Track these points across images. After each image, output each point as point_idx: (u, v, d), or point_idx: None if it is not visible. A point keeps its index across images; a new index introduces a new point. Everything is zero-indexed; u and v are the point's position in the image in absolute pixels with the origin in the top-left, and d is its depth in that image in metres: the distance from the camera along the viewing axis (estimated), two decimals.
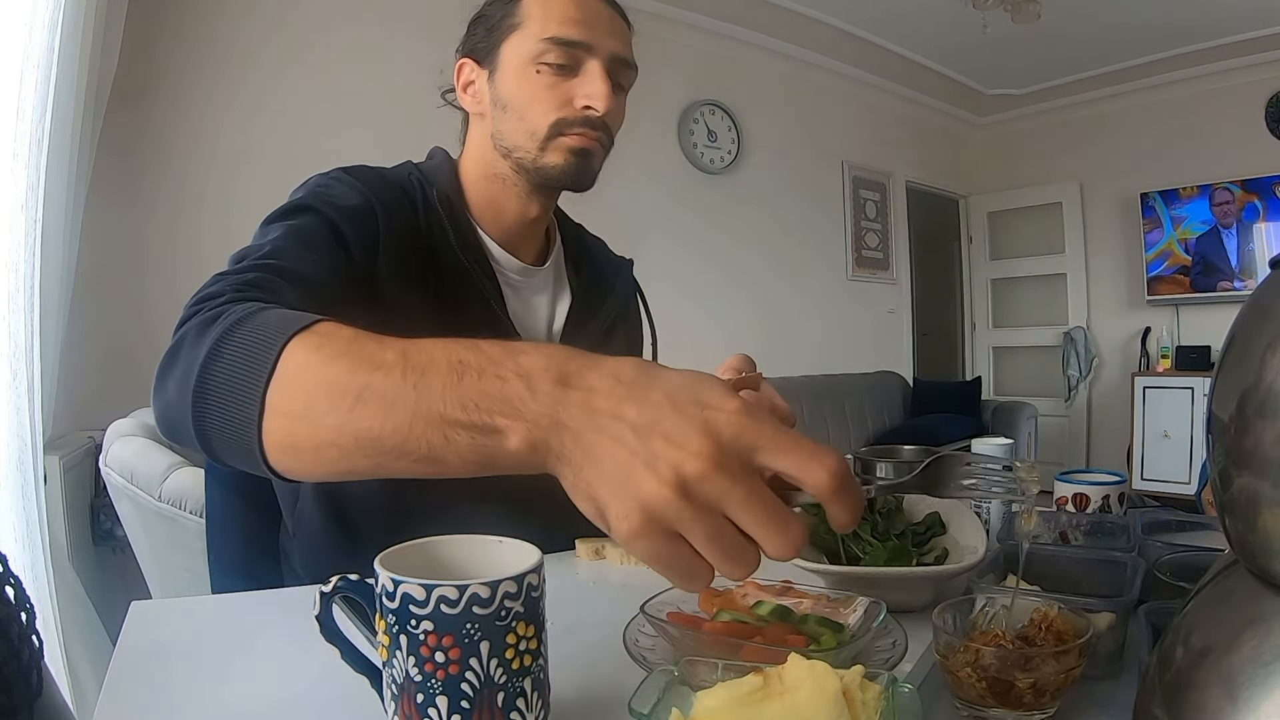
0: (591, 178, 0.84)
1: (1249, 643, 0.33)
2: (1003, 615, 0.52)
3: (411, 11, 2.86)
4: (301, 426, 0.44)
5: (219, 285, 0.58)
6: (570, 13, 0.79)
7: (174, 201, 2.37)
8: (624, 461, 0.35)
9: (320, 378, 0.43)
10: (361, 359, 0.42)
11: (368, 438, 0.41)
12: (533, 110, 0.80)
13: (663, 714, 0.40)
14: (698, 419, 0.35)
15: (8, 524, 1.39)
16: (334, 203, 0.74)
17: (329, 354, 0.44)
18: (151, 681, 0.56)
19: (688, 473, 0.34)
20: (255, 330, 0.47)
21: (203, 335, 0.50)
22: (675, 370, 0.39)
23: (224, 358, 0.47)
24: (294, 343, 0.45)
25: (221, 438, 0.47)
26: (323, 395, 0.42)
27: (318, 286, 0.65)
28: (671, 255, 3.70)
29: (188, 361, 0.49)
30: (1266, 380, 0.32)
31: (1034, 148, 5.21)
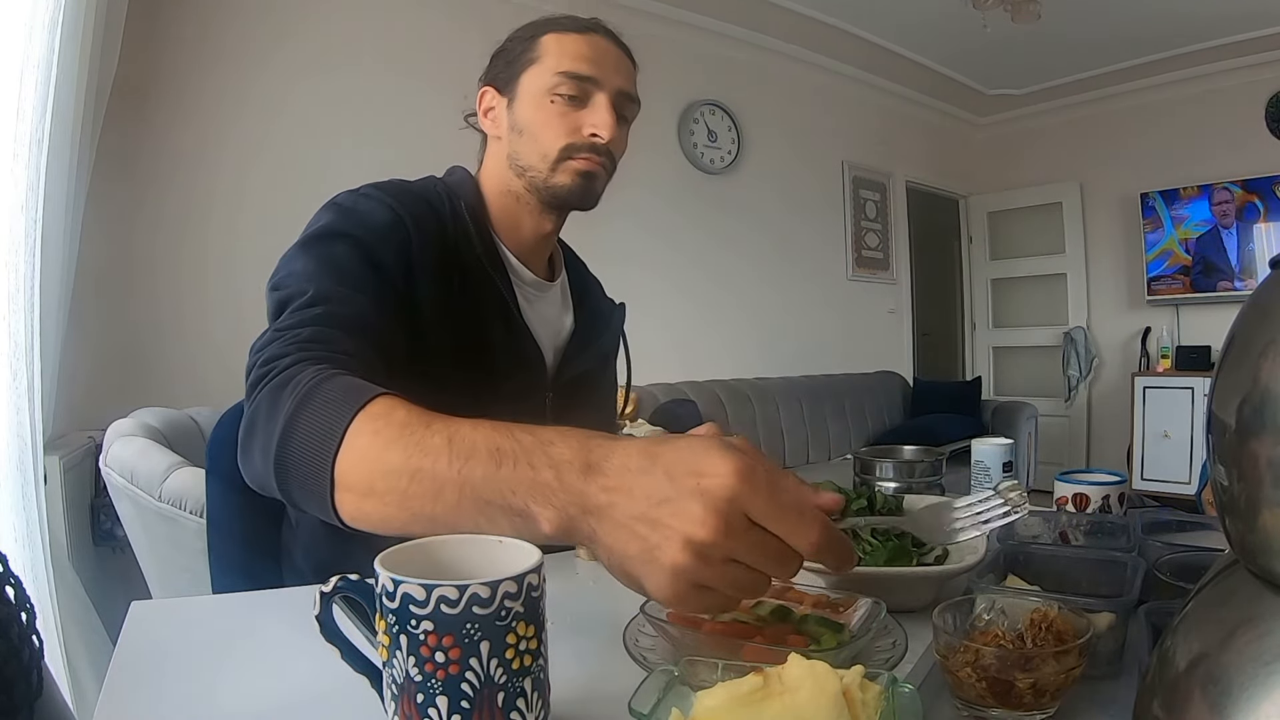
0: (595, 197, 0.93)
1: (1249, 643, 0.33)
2: (999, 619, 0.52)
3: (412, 12, 2.86)
4: (367, 502, 0.52)
5: (281, 344, 0.64)
6: (583, 51, 0.88)
7: (173, 201, 2.37)
8: (645, 544, 0.43)
9: (379, 462, 0.51)
10: (414, 444, 0.50)
11: (422, 515, 0.49)
12: (546, 135, 0.89)
13: (663, 714, 0.40)
14: (695, 490, 0.42)
15: (8, 524, 1.39)
16: (365, 222, 0.80)
17: (386, 439, 0.51)
18: (151, 681, 0.56)
19: (697, 540, 0.41)
20: (321, 409, 0.55)
21: (275, 408, 0.58)
22: (676, 444, 0.45)
23: (297, 437, 0.55)
24: (354, 425, 0.53)
25: (306, 503, 0.56)
26: (381, 476, 0.51)
27: (371, 329, 0.70)
28: (672, 255, 3.70)
29: (265, 435, 0.57)
30: (1266, 380, 0.32)
31: (1034, 148, 5.21)
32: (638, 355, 1.10)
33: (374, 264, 0.77)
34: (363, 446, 0.52)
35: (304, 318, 0.67)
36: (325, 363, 0.61)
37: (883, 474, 0.96)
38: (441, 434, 0.50)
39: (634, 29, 0.93)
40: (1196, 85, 4.41)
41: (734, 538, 0.42)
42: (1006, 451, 0.88)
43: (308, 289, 0.70)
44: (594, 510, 0.44)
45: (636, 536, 0.43)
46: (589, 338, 1.01)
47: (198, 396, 2.03)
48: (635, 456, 0.44)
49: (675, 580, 0.42)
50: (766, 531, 0.43)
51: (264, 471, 0.58)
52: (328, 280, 0.72)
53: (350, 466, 0.53)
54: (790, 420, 3.82)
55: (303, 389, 0.57)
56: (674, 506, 0.42)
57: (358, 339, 0.67)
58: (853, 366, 4.44)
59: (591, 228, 1.03)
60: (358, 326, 0.69)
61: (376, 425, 0.53)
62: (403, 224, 0.81)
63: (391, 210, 0.81)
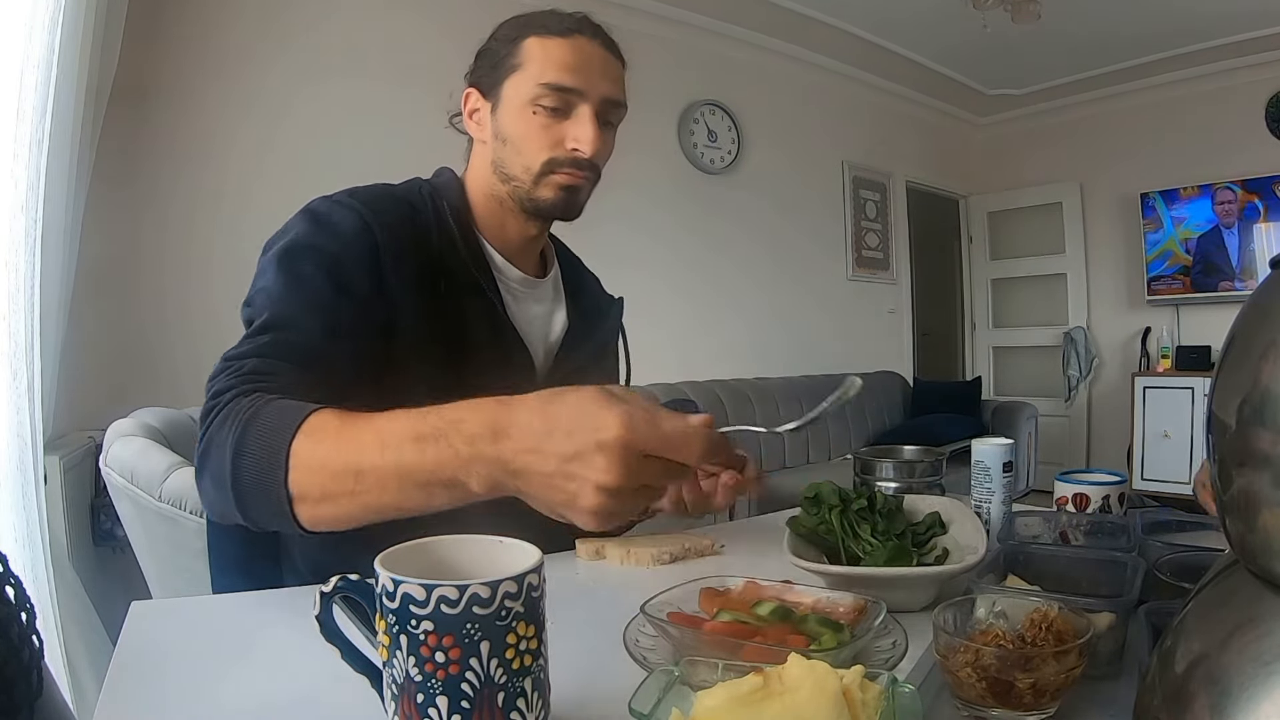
0: (578, 209, 0.92)
1: (1249, 643, 0.33)
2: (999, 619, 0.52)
3: (414, 9, 2.86)
4: (321, 507, 0.59)
5: (226, 377, 0.69)
6: (566, 59, 0.86)
7: (173, 201, 2.37)
8: (565, 493, 0.52)
9: (325, 470, 0.58)
10: (350, 447, 0.58)
11: (372, 506, 0.58)
12: (528, 148, 0.88)
13: (663, 714, 0.40)
14: (595, 445, 0.50)
15: (8, 524, 1.39)
16: (335, 236, 0.79)
17: (326, 448, 0.59)
18: (151, 681, 0.56)
19: (607, 484, 0.51)
20: (263, 436, 0.61)
21: (222, 442, 0.63)
22: (566, 400, 0.53)
23: (246, 464, 0.61)
24: (295, 443, 0.59)
25: (266, 522, 0.62)
26: (330, 480, 0.58)
27: (318, 358, 0.73)
28: (671, 255, 3.70)
29: (218, 464, 0.63)
30: (1266, 381, 0.32)
31: (1034, 148, 5.21)
32: (638, 355, 1.10)
33: (339, 283, 0.77)
34: (307, 460, 0.59)
35: (253, 346, 0.71)
36: (263, 392, 0.66)
37: (883, 474, 0.96)
38: (370, 431, 0.58)
39: (633, 28, 0.92)
40: (1196, 85, 4.41)
41: (635, 473, 0.51)
42: (1006, 451, 0.88)
43: (264, 313, 0.74)
44: (513, 473, 0.54)
45: (557, 489, 0.52)
46: (584, 333, 1.01)
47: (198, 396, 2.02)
48: (537, 418, 0.53)
49: (598, 515, 0.52)
50: (660, 458, 0.52)
51: (221, 500, 0.63)
52: (289, 303, 0.75)
53: (301, 479, 0.59)
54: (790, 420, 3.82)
55: (243, 420, 0.62)
56: (581, 461, 0.51)
57: (299, 370, 0.71)
58: (853, 366, 4.43)
59: (591, 229, 1.03)
60: (303, 357, 0.72)
61: (315, 439, 0.60)
62: (372, 235, 0.80)
63: (362, 220, 0.81)
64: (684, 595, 0.61)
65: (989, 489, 0.88)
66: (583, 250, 1.12)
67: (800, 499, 0.80)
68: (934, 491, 0.93)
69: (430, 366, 0.84)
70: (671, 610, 0.58)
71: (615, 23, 0.93)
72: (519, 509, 0.69)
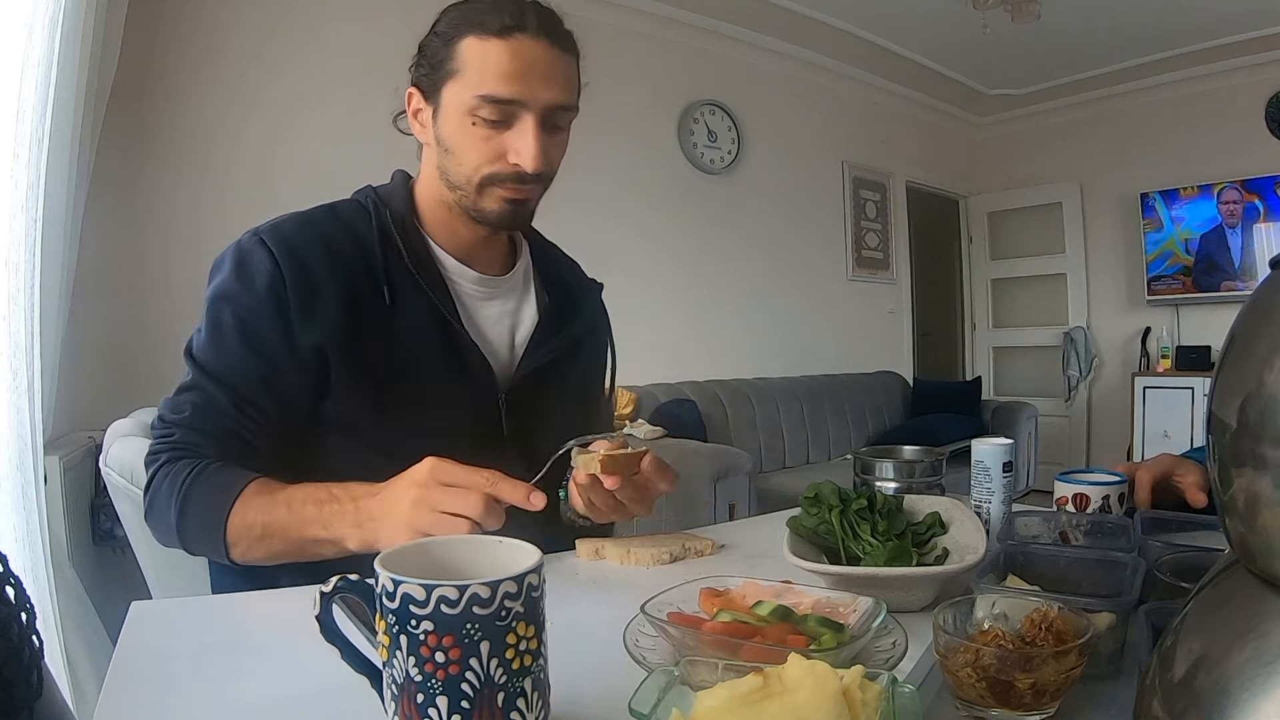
0: (525, 221, 0.92)
1: (1249, 643, 0.33)
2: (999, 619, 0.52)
3: (414, 12, 2.86)
4: (249, 553, 0.78)
5: (159, 440, 0.82)
6: (504, 66, 0.80)
7: (174, 201, 2.37)
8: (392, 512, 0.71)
9: (247, 530, 0.77)
10: (268, 514, 0.76)
11: (281, 553, 0.77)
12: (469, 159, 0.84)
13: (663, 714, 0.40)
14: (410, 479, 0.71)
15: (8, 524, 1.39)
16: (248, 281, 0.82)
17: (250, 518, 0.76)
18: (151, 681, 0.56)
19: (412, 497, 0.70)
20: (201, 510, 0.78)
21: (168, 502, 0.78)
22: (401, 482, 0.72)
23: (191, 528, 0.79)
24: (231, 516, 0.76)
25: (206, 555, 0.82)
26: (251, 539, 0.77)
27: (230, 431, 0.82)
28: (670, 256, 3.70)
29: (165, 518, 0.79)
30: (1266, 381, 0.32)
31: (1034, 148, 5.21)
32: (639, 355, 1.09)
33: (249, 340, 0.81)
34: (235, 524, 0.76)
35: (178, 416, 0.82)
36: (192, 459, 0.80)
37: (883, 474, 0.96)
38: (282, 502, 0.76)
39: (634, 28, 0.91)
40: (1196, 85, 4.41)
41: (434, 494, 0.69)
42: (1006, 451, 0.88)
43: (190, 365, 0.83)
44: (375, 515, 0.72)
45: (390, 512, 0.71)
46: (556, 325, 0.98)
47: None
48: (381, 488, 0.73)
49: (407, 527, 0.68)
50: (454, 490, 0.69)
51: (168, 540, 0.81)
52: (210, 358, 0.82)
53: (231, 536, 0.77)
54: (790, 420, 3.82)
55: (183, 489, 0.78)
56: (403, 492, 0.70)
57: (218, 444, 0.81)
58: (852, 366, 4.44)
59: (591, 231, 1.03)
60: (217, 429, 0.81)
61: (243, 512, 0.76)
62: (280, 282, 0.81)
63: (274, 264, 0.81)
64: (684, 595, 0.61)
65: (989, 489, 0.88)
66: (582, 251, 1.12)
67: (800, 499, 0.80)
68: (934, 491, 0.93)
69: (375, 382, 0.84)
70: (671, 610, 0.58)
71: (616, 22, 0.91)
72: (518, 510, 0.70)
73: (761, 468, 3.49)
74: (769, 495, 3.08)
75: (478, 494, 0.67)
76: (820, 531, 0.77)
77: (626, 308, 1.09)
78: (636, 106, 3.38)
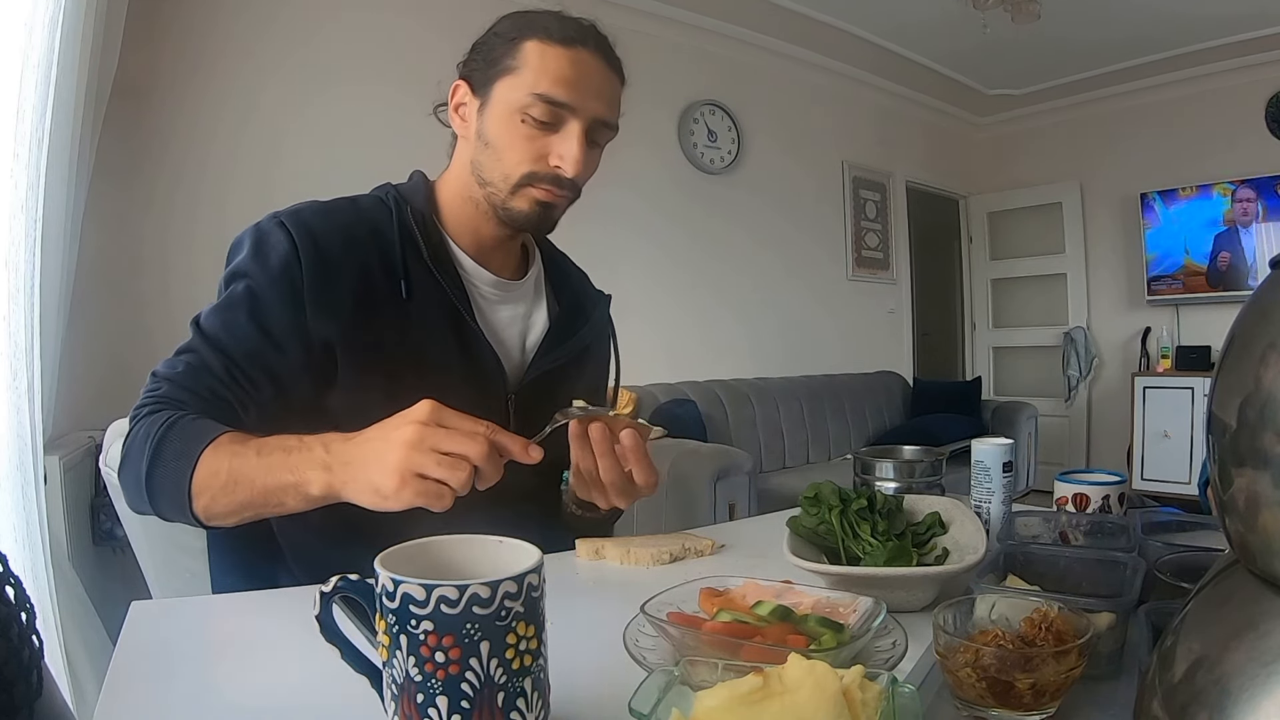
0: (551, 225, 0.92)
1: (1249, 643, 0.33)
2: (999, 619, 0.52)
3: (413, 9, 2.86)
4: (212, 505, 0.72)
5: (145, 395, 0.79)
6: (564, 72, 0.83)
7: (174, 201, 2.37)
8: (377, 456, 0.65)
9: (213, 477, 0.72)
10: (236, 459, 0.71)
11: (244, 503, 0.72)
12: (510, 156, 0.85)
13: (663, 714, 0.40)
14: (406, 419, 0.65)
15: (8, 524, 1.39)
16: (265, 261, 0.82)
17: (216, 465, 0.72)
18: (151, 681, 0.56)
19: (410, 438, 0.63)
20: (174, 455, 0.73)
21: (142, 451, 0.74)
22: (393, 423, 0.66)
23: (158, 475, 0.74)
24: (199, 462, 0.72)
25: (170, 514, 0.75)
26: (216, 486, 0.72)
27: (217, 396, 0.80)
28: (670, 256, 3.70)
29: (134, 469, 0.75)
30: (1266, 381, 0.32)
31: (1034, 148, 5.21)
32: (639, 355, 1.09)
33: (258, 314, 0.81)
34: (203, 470, 0.72)
35: (172, 370, 0.80)
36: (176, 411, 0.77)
37: (883, 474, 0.96)
38: (253, 448, 0.72)
39: (634, 28, 0.92)
40: (1196, 85, 4.41)
41: (432, 434, 0.63)
42: (1006, 451, 0.88)
43: (194, 334, 0.82)
44: (348, 459, 0.67)
45: (375, 454, 0.65)
46: (565, 333, 0.99)
47: None
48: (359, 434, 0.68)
49: (397, 474, 0.63)
50: (456, 431, 0.64)
51: (138, 500, 0.76)
52: (211, 324, 0.81)
53: (198, 485, 0.72)
54: (790, 420, 3.82)
55: (159, 433, 0.74)
56: (397, 431, 0.64)
57: (204, 404, 0.79)
58: (852, 366, 4.44)
59: (591, 230, 1.03)
60: (208, 392, 0.79)
61: (213, 456, 0.72)
62: (295, 257, 0.81)
63: (292, 246, 0.82)
64: (684, 595, 0.61)
65: (989, 489, 0.88)
66: (583, 251, 1.12)
67: (800, 499, 0.80)
68: (934, 491, 0.93)
69: (385, 373, 0.84)
70: (671, 610, 0.58)
71: (616, 22, 0.91)
72: (518, 509, 0.70)
73: (761, 468, 3.49)
74: (769, 495, 3.08)
75: (480, 438, 0.63)
76: (820, 531, 0.77)
77: (626, 308, 1.10)
78: (636, 106, 3.36)
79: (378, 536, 0.51)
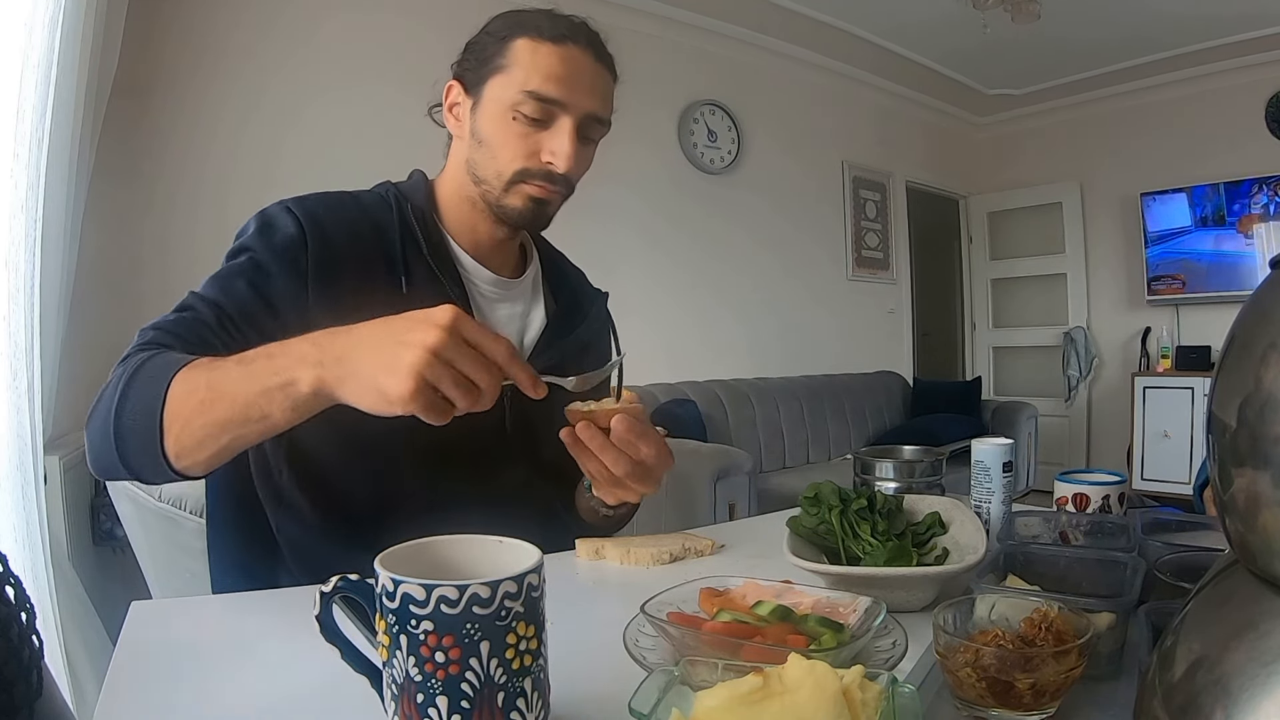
0: (545, 222, 0.92)
1: (1249, 643, 0.33)
2: (999, 619, 0.52)
3: (412, 9, 2.86)
4: (185, 434, 0.65)
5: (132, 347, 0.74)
6: (555, 69, 0.83)
7: (174, 201, 2.37)
8: (389, 353, 0.57)
9: (189, 396, 0.65)
10: (214, 372, 0.65)
11: (223, 422, 0.64)
12: (503, 154, 0.86)
13: (663, 714, 0.40)
14: (428, 320, 0.58)
15: (8, 524, 1.39)
16: (270, 239, 0.82)
17: (192, 381, 0.65)
18: (151, 681, 0.56)
19: (431, 343, 0.56)
20: (147, 383, 0.67)
21: (115, 387, 0.69)
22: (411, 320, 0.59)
23: (128, 409, 0.67)
24: (173, 383, 0.65)
25: (137, 460, 0.67)
26: (193, 405, 0.64)
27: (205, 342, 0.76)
28: (670, 256, 3.70)
29: (103, 414, 0.69)
30: (1266, 381, 0.32)
31: (1034, 148, 5.21)
32: (638, 355, 1.09)
33: (258, 280, 0.80)
34: (176, 391, 0.65)
35: (161, 322, 0.76)
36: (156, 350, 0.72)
37: (883, 474, 0.96)
38: (234, 360, 0.65)
39: (633, 28, 0.92)
40: (1196, 85, 4.41)
41: (455, 346, 0.57)
42: (1006, 451, 0.88)
43: (189, 295, 0.79)
44: (342, 354, 0.60)
45: (384, 353, 0.58)
46: (562, 331, 0.99)
47: None
48: (363, 326, 0.61)
49: (412, 378, 0.56)
50: (476, 350, 0.58)
51: (102, 444, 0.68)
52: (207, 287, 0.80)
53: (171, 411, 0.65)
54: (790, 420, 3.82)
55: (132, 368, 0.69)
56: (413, 331, 0.57)
57: (193, 348, 0.74)
58: (852, 366, 4.44)
59: (590, 230, 1.03)
60: (196, 337, 0.75)
61: (187, 373, 0.66)
62: (302, 241, 0.81)
63: (297, 224, 0.82)
64: (684, 595, 0.61)
65: (989, 489, 0.88)
66: (582, 250, 1.12)
67: (800, 499, 0.80)
68: (934, 491, 0.93)
69: None
70: (671, 610, 0.58)
71: (616, 22, 0.91)
72: (518, 509, 0.70)
73: (761, 468, 3.49)
74: (769, 495, 3.08)
75: (495, 370, 0.59)
76: (820, 531, 0.77)
77: (626, 308, 1.10)
78: (636, 106, 3.37)
79: (378, 536, 0.51)
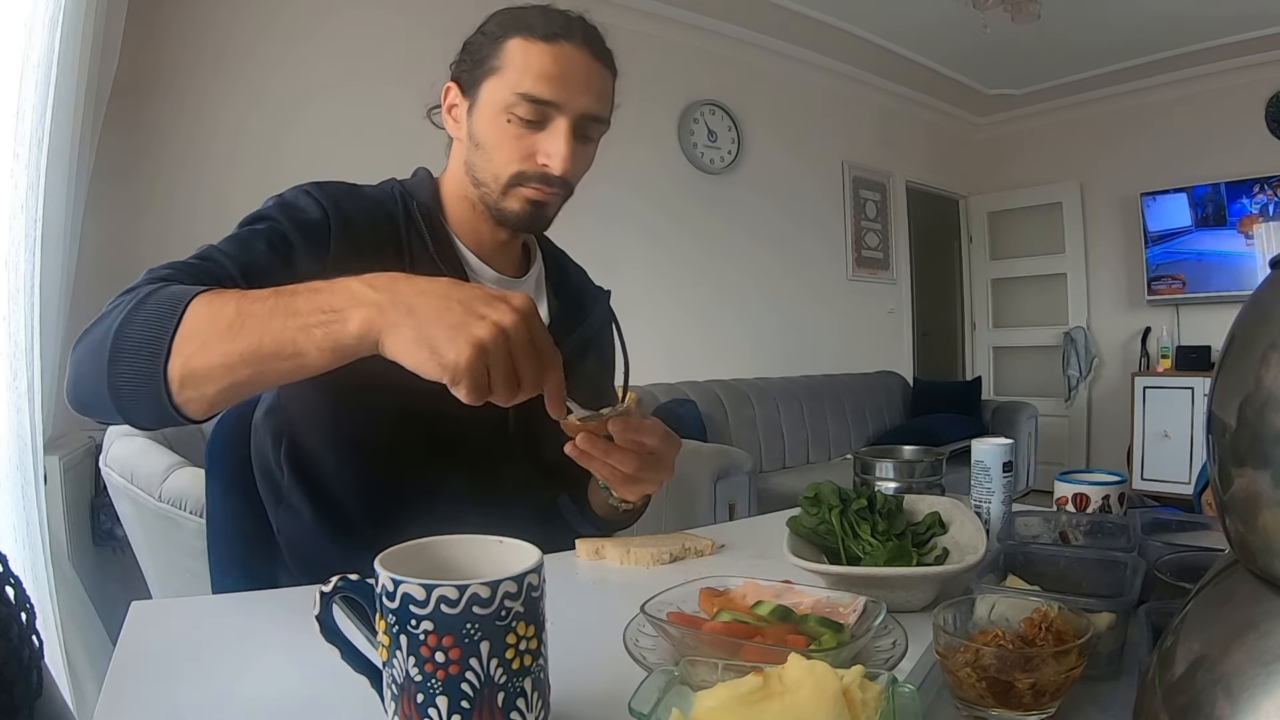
0: (545, 224, 0.91)
1: (1249, 643, 0.33)
2: (999, 619, 0.52)
3: (412, 8, 2.86)
4: (198, 356, 0.59)
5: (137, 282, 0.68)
6: (547, 69, 0.82)
7: (174, 200, 2.36)
8: (459, 317, 0.55)
9: (214, 318, 0.59)
10: (246, 299, 0.59)
11: (245, 354, 0.58)
12: (499, 156, 0.85)
13: (663, 714, 0.40)
14: (507, 304, 0.57)
15: (8, 524, 1.39)
16: (291, 214, 0.80)
17: (220, 303, 0.60)
18: (151, 681, 0.56)
19: (506, 325, 0.55)
20: (163, 300, 0.61)
21: (118, 311, 0.62)
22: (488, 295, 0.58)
23: (136, 322, 0.60)
24: (194, 302, 0.60)
25: (130, 388, 0.60)
26: (216, 329, 0.58)
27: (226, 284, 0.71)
28: (670, 256, 3.70)
29: (102, 331, 0.62)
30: (1266, 381, 0.32)
31: (1034, 148, 5.21)
32: (638, 355, 1.09)
33: (279, 245, 0.77)
34: (198, 313, 0.60)
35: (178, 262, 0.72)
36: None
37: (883, 474, 0.96)
38: (271, 291, 0.60)
39: (633, 28, 0.92)
40: (1196, 85, 4.41)
41: (520, 340, 0.56)
42: (1006, 451, 0.88)
43: (208, 245, 0.75)
44: (409, 301, 0.56)
45: (453, 314, 0.55)
46: (565, 330, 0.98)
47: None
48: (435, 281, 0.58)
49: (475, 350, 0.54)
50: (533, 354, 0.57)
51: (92, 366, 0.61)
52: (225, 244, 0.75)
53: (187, 333, 0.59)
54: (790, 420, 3.82)
55: (144, 293, 0.63)
56: (491, 308, 0.56)
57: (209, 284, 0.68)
58: (852, 366, 4.44)
59: (591, 230, 1.03)
60: (215, 281, 0.70)
61: (212, 297, 0.61)
62: (325, 225, 0.80)
63: (320, 208, 0.81)
64: (684, 595, 0.61)
65: (989, 489, 0.88)
66: (583, 250, 1.12)
67: (800, 499, 0.80)
68: (934, 491, 0.93)
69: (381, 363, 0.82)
70: (671, 610, 0.58)
71: (616, 22, 0.91)
72: (518, 509, 0.70)
73: (761, 468, 3.49)
74: (769, 495, 3.08)
75: (539, 382, 0.58)
76: (820, 531, 0.77)
77: (626, 307, 1.09)
78: (636, 105, 3.37)
79: (378, 536, 0.51)
